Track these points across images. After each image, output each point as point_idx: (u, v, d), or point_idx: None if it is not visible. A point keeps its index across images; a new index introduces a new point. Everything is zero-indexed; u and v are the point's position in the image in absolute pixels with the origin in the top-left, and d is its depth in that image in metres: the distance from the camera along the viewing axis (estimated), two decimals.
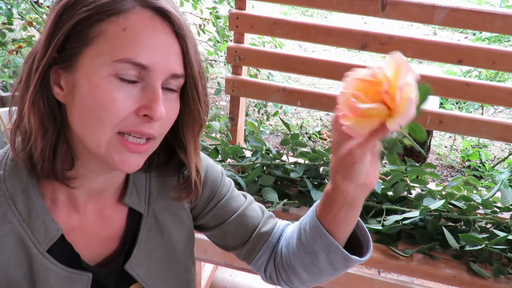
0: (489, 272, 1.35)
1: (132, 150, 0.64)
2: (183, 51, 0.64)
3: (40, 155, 0.65)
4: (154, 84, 0.62)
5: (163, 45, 0.62)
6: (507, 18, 1.62)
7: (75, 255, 0.72)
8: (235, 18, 1.88)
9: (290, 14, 6.80)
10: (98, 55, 0.60)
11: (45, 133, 0.64)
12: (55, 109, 0.65)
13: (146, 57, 0.61)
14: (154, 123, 0.64)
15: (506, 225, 1.46)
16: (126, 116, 0.62)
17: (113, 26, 0.60)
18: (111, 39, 0.60)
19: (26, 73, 0.64)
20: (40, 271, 0.68)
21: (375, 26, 5.92)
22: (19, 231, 0.67)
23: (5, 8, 2.80)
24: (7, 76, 3.14)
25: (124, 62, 0.60)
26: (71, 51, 0.61)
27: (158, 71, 0.62)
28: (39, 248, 0.68)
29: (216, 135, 2.99)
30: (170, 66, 0.63)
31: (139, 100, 0.62)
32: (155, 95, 0.62)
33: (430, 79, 1.79)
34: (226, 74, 3.63)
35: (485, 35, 5.77)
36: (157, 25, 0.62)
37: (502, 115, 4.31)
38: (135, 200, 0.78)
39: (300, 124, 3.94)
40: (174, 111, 0.68)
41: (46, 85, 0.64)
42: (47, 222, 0.68)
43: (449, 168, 3.57)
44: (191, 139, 0.74)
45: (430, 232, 1.45)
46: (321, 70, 1.88)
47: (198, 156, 0.78)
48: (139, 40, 0.60)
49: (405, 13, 1.71)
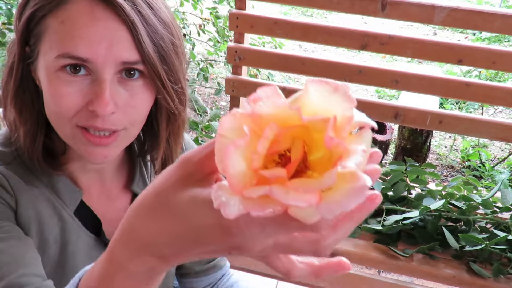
0: (489, 272, 1.35)
1: (95, 143, 0.63)
2: (133, 35, 0.60)
3: (23, 144, 0.66)
4: (100, 76, 0.60)
5: (104, 34, 0.58)
6: (507, 18, 1.62)
7: (96, 221, 0.74)
8: (235, 18, 1.88)
9: (290, 14, 6.79)
10: (46, 52, 0.61)
11: (25, 123, 0.66)
12: (36, 100, 0.67)
13: (84, 49, 0.58)
14: (106, 117, 0.61)
15: (506, 225, 1.46)
16: (79, 111, 0.61)
17: (53, 21, 0.59)
18: (53, 34, 0.59)
19: (9, 66, 0.66)
20: (72, 233, 0.71)
21: (375, 26, 5.92)
22: (47, 195, 0.69)
23: (5, 8, 2.80)
24: None
25: (63, 57, 0.59)
26: (33, 47, 0.63)
27: (102, 62, 0.59)
28: (67, 211, 0.70)
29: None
30: (116, 54, 0.59)
31: (88, 94, 0.60)
32: (100, 88, 0.59)
33: (430, 79, 1.79)
34: (226, 74, 3.64)
35: (485, 35, 5.76)
36: (97, 13, 0.58)
37: (502, 115, 4.31)
38: (141, 187, 0.79)
39: None
40: (140, 100, 0.64)
41: (27, 79, 0.65)
42: (68, 185, 0.70)
43: (449, 168, 3.57)
44: (163, 126, 0.70)
45: (430, 232, 1.45)
46: (321, 70, 1.88)
47: (175, 150, 0.75)
48: (76, 32, 0.58)
49: (405, 13, 1.71)
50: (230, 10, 1.91)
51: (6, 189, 0.65)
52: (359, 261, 1.43)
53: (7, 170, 0.66)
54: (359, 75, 1.82)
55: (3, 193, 0.65)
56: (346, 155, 0.29)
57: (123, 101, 0.62)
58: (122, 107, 0.62)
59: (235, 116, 0.31)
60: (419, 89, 1.82)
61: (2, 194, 0.65)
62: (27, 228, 0.67)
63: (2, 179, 0.65)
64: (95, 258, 0.74)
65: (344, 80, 1.86)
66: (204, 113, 3.52)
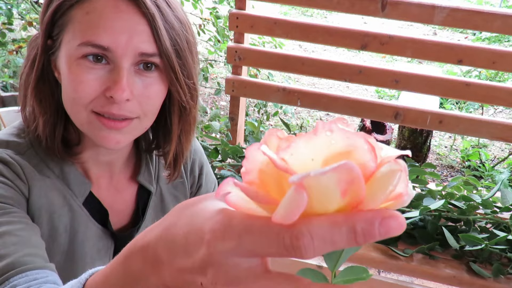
0: (489, 272, 1.35)
1: (109, 126, 0.66)
2: (153, 29, 0.64)
3: (43, 133, 0.70)
4: (119, 65, 0.64)
5: (126, 26, 0.63)
6: (507, 18, 1.62)
7: (103, 212, 0.77)
8: (235, 18, 1.88)
9: (290, 14, 6.80)
10: (69, 40, 0.64)
11: (45, 113, 0.69)
12: (56, 91, 0.70)
13: (106, 38, 0.62)
14: (123, 103, 0.65)
15: (506, 225, 1.46)
16: (96, 97, 0.64)
17: (79, 11, 0.63)
18: (77, 24, 0.63)
19: (31, 59, 0.70)
20: (81, 223, 0.74)
21: (375, 26, 5.92)
22: (58, 185, 0.72)
23: (5, 8, 2.80)
24: (7, 76, 3.14)
25: (86, 45, 0.63)
26: (55, 38, 0.67)
27: (122, 52, 0.63)
28: (76, 201, 0.73)
29: (216, 135, 2.99)
30: (136, 45, 0.63)
31: (106, 81, 0.64)
32: (118, 76, 0.63)
33: (430, 79, 1.79)
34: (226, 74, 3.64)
35: (485, 35, 5.76)
36: (120, 6, 0.63)
37: (502, 115, 4.31)
38: (147, 178, 0.82)
39: (300, 124, 3.94)
40: (154, 91, 0.68)
41: (47, 70, 0.69)
42: (78, 177, 0.74)
43: (449, 168, 3.57)
44: (175, 121, 0.74)
45: (430, 232, 1.45)
46: (321, 70, 1.88)
47: (187, 143, 0.77)
48: (101, 22, 0.62)
49: (405, 13, 1.71)
50: (230, 10, 1.91)
51: (20, 177, 0.68)
52: (359, 261, 1.43)
53: (21, 159, 0.69)
54: (359, 75, 1.82)
55: (17, 181, 0.67)
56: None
57: (138, 91, 0.66)
58: (137, 96, 0.66)
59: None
60: (419, 89, 1.82)
61: (16, 181, 0.67)
62: (38, 215, 0.69)
63: (17, 167, 0.68)
64: (102, 248, 0.77)
65: (344, 80, 1.86)
66: (204, 113, 3.52)
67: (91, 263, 0.76)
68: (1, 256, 0.59)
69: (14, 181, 0.67)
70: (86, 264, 0.75)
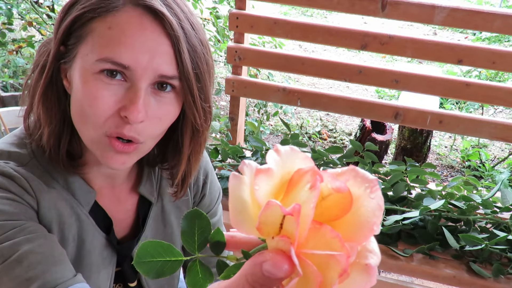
0: (489, 272, 1.35)
1: (119, 150, 0.64)
2: (175, 51, 0.62)
3: (47, 143, 0.68)
4: (137, 85, 0.61)
5: (149, 45, 0.60)
6: (507, 18, 1.62)
7: (107, 221, 0.76)
8: (235, 18, 1.88)
9: (290, 14, 6.79)
10: (87, 53, 0.62)
11: (50, 122, 0.67)
12: (63, 101, 0.68)
13: (128, 56, 0.60)
14: (135, 125, 0.62)
15: (506, 225, 1.46)
16: (110, 116, 0.62)
17: (101, 25, 0.61)
18: (97, 38, 0.61)
19: (41, 65, 0.68)
20: (88, 232, 0.73)
21: (375, 26, 5.92)
22: (64, 196, 0.71)
23: (5, 8, 2.80)
24: (7, 76, 3.13)
25: (105, 61, 0.60)
26: (71, 47, 0.64)
27: (142, 71, 0.61)
28: (83, 210, 0.72)
29: (216, 135, 2.99)
30: (156, 67, 0.61)
31: (122, 100, 0.62)
32: (135, 96, 0.61)
33: (430, 79, 1.79)
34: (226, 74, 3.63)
35: (485, 35, 5.76)
36: (145, 24, 0.60)
37: (502, 115, 4.31)
38: (148, 189, 0.81)
39: (300, 124, 3.94)
40: (168, 113, 0.66)
41: (56, 78, 0.67)
42: (83, 186, 0.72)
43: (449, 168, 3.57)
44: (186, 142, 0.72)
45: (430, 232, 1.45)
46: (321, 70, 1.88)
47: (195, 163, 0.76)
48: (122, 39, 0.60)
49: (405, 13, 1.71)
50: (230, 10, 1.91)
51: (27, 191, 0.66)
52: None
53: (26, 172, 0.67)
54: (359, 75, 1.82)
55: (24, 195, 0.66)
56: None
57: (152, 111, 0.64)
58: (149, 117, 0.64)
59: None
60: (419, 89, 1.82)
61: (23, 196, 0.65)
62: (48, 228, 0.68)
63: (22, 181, 0.66)
64: (106, 256, 0.76)
65: (344, 80, 1.86)
66: None
67: (96, 272, 0.75)
68: (31, 279, 0.58)
69: (22, 196, 0.65)
70: (92, 273, 0.75)
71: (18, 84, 3.14)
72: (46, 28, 3.12)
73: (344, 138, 3.85)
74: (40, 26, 3.17)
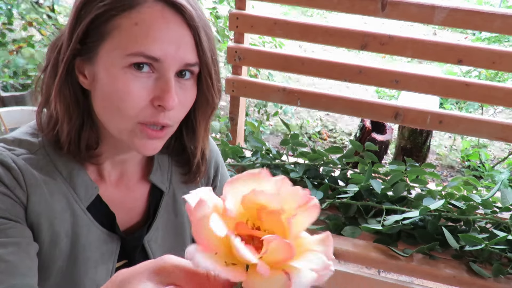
0: (489, 272, 1.35)
1: (153, 136, 0.68)
2: (196, 40, 0.67)
3: (66, 138, 0.70)
4: (166, 75, 0.66)
5: (174, 37, 0.65)
6: (507, 18, 1.62)
7: (110, 216, 0.77)
8: (235, 18, 1.88)
9: (290, 14, 6.80)
10: (114, 49, 0.64)
11: (70, 119, 0.70)
12: (80, 96, 0.71)
13: (157, 49, 0.64)
14: (168, 112, 0.67)
15: (506, 225, 1.46)
16: (143, 107, 0.66)
17: (126, 21, 0.64)
18: (125, 33, 0.64)
19: (52, 62, 0.69)
20: (83, 227, 0.74)
21: (375, 26, 5.92)
22: (63, 189, 0.72)
23: (5, 8, 2.80)
24: (7, 76, 3.13)
25: (136, 56, 0.64)
26: (91, 44, 0.66)
27: (170, 62, 0.65)
28: (80, 205, 0.73)
29: (216, 135, 2.99)
30: (182, 56, 0.66)
31: (153, 91, 0.66)
32: (167, 85, 0.65)
33: (430, 79, 1.79)
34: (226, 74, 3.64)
35: (485, 35, 5.77)
36: (168, 17, 0.64)
37: (502, 115, 4.31)
38: (159, 178, 0.83)
39: (300, 124, 3.94)
40: (190, 98, 0.71)
41: (71, 75, 0.69)
42: (86, 181, 0.74)
43: (449, 168, 3.57)
44: (202, 121, 0.78)
45: (430, 232, 1.45)
46: (320, 70, 1.88)
47: (207, 139, 0.82)
48: (150, 33, 0.63)
49: (405, 13, 1.71)
50: (230, 10, 1.91)
51: (20, 184, 0.67)
52: (359, 261, 1.43)
53: (24, 164, 0.69)
54: (359, 75, 1.83)
55: (15, 189, 0.67)
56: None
57: (180, 98, 0.68)
58: (178, 104, 0.68)
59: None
60: (419, 89, 1.82)
61: (15, 189, 0.67)
62: (37, 222, 0.69)
63: (18, 173, 0.67)
64: (106, 252, 0.77)
65: (344, 80, 1.86)
66: None
67: (94, 267, 0.76)
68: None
69: (13, 190, 0.66)
70: (89, 268, 0.75)
71: (18, 84, 3.14)
72: (46, 28, 3.12)
73: (344, 138, 3.85)
74: (40, 26, 3.17)
